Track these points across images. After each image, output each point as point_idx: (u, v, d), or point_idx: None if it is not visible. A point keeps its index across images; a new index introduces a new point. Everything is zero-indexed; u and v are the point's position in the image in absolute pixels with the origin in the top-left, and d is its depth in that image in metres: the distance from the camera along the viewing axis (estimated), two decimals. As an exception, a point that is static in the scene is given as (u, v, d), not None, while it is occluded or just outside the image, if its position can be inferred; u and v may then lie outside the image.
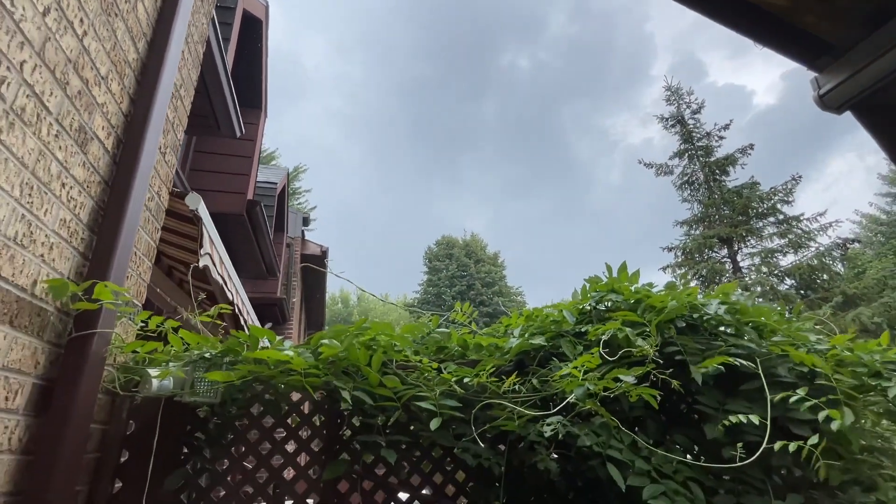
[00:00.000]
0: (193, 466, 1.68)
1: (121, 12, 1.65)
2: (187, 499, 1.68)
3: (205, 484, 1.69)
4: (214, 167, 5.67)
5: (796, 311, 2.18)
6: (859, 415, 1.69)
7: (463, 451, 1.74)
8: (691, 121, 17.91)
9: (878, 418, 1.77)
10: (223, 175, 5.61)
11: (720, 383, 1.74)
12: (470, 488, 1.90)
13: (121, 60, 1.67)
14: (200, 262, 2.42)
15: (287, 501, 1.80)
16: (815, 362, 1.62)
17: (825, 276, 14.31)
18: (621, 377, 1.51)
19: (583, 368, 1.62)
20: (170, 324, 1.68)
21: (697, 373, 1.67)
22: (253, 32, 5.90)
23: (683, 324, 1.95)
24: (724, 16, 1.14)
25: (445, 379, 1.75)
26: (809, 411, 1.52)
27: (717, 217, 16.38)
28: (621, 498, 1.56)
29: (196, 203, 2.41)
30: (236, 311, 3.05)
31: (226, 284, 2.73)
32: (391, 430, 1.78)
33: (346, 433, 1.85)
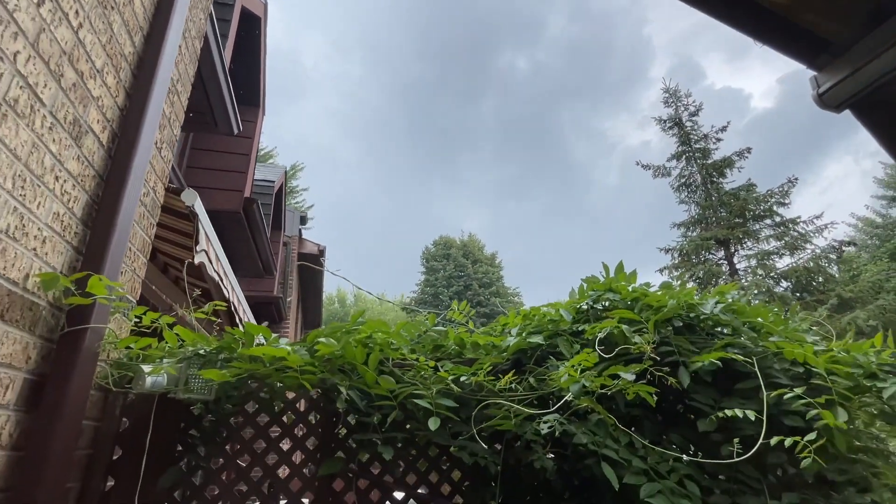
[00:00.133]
0: (187, 464, 1.67)
1: (117, 5, 1.63)
2: (181, 497, 1.66)
3: (198, 482, 1.68)
4: (212, 164, 5.64)
5: (793, 311, 2.18)
6: (853, 415, 1.70)
7: (459, 449, 1.73)
8: (689, 123, 17.97)
9: (872, 420, 1.77)
10: (220, 172, 5.58)
11: (716, 382, 1.74)
12: (466, 487, 1.89)
13: (117, 54, 1.65)
14: (196, 259, 2.40)
15: (282, 500, 1.78)
16: (810, 359, 1.62)
17: (821, 279, 14.38)
18: (619, 373, 1.50)
19: (580, 367, 1.61)
20: (165, 320, 1.67)
21: (685, 375, 1.66)
22: (251, 30, 5.88)
23: (680, 323, 1.95)
24: (723, 13, 1.14)
25: (442, 377, 1.74)
26: (803, 408, 1.52)
27: (714, 219, 16.43)
28: (617, 497, 1.55)
29: (192, 199, 2.40)
30: (232, 308, 3.04)
31: (221, 281, 2.71)
32: (387, 428, 1.77)
33: (342, 431, 1.84)
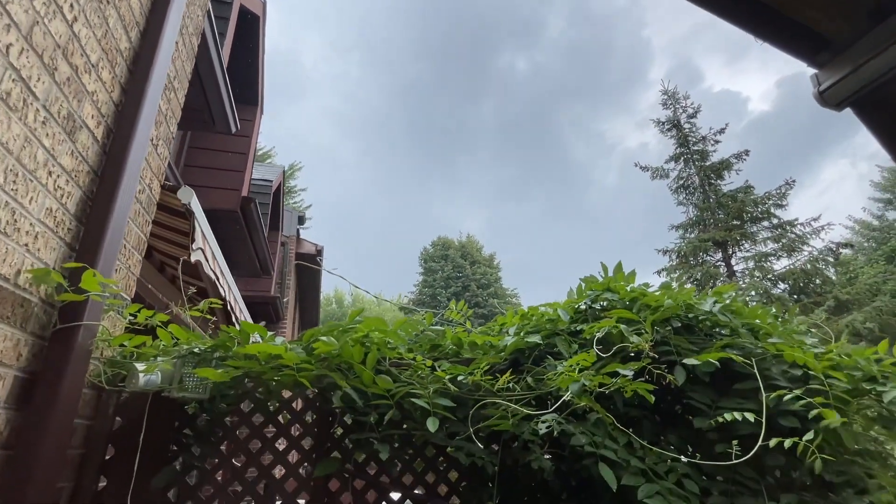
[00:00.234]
0: (181, 464, 1.65)
1: (113, 0, 1.62)
2: (175, 497, 1.65)
3: (192, 482, 1.66)
4: (209, 163, 5.62)
5: (791, 313, 2.18)
6: (850, 418, 1.69)
7: (456, 449, 1.72)
8: (687, 125, 18.01)
9: (870, 423, 1.76)
10: (218, 171, 5.56)
11: (714, 382, 1.73)
12: (463, 488, 1.88)
13: (112, 49, 1.64)
14: (192, 257, 2.38)
15: (277, 501, 1.77)
16: (809, 362, 1.61)
17: (818, 281, 14.42)
18: (618, 370, 1.49)
19: (578, 366, 1.60)
20: (159, 318, 1.65)
21: (681, 373, 1.66)
22: (250, 28, 5.86)
23: (679, 324, 1.94)
24: (724, 10, 1.13)
25: (439, 377, 1.73)
26: (801, 409, 1.52)
27: (712, 221, 16.46)
28: (615, 498, 1.54)
29: (188, 197, 2.38)
30: (228, 307, 3.02)
31: (218, 280, 2.69)
32: (384, 428, 1.75)
33: (338, 431, 1.82)
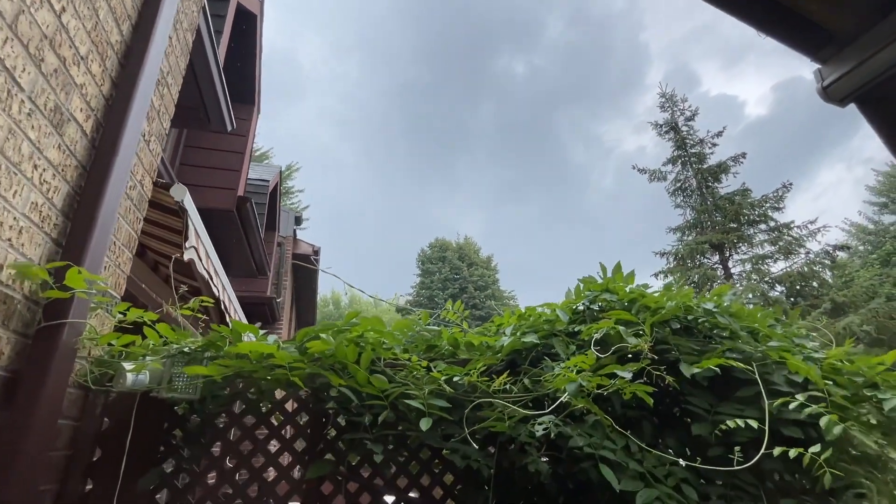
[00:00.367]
0: (170, 466, 1.61)
1: (103, -9, 1.58)
2: (163, 499, 1.61)
3: (182, 484, 1.62)
4: (205, 162, 5.57)
5: (793, 316, 2.15)
6: (851, 424, 1.66)
7: (452, 452, 1.69)
8: (685, 127, 18.05)
9: (869, 430, 1.73)
10: (213, 170, 5.52)
11: (712, 386, 1.71)
12: (458, 491, 1.85)
13: (102, 41, 1.60)
14: (185, 256, 2.34)
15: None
16: (812, 375, 1.59)
17: (815, 284, 14.44)
18: (617, 372, 1.46)
19: (575, 368, 1.58)
20: (148, 316, 1.61)
21: (689, 369, 1.63)
22: (247, 27, 5.83)
23: (678, 325, 1.92)
24: (727, 3, 1.11)
25: (435, 378, 1.70)
26: (807, 417, 1.49)
27: (710, 223, 16.48)
28: (613, 502, 1.51)
29: (181, 194, 2.34)
30: (222, 307, 2.98)
31: (211, 279, 2.65)
32: (378, 429, 1.72)
33: (331, 433, 1.79)
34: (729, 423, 1.45)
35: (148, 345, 1.63)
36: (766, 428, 1.45)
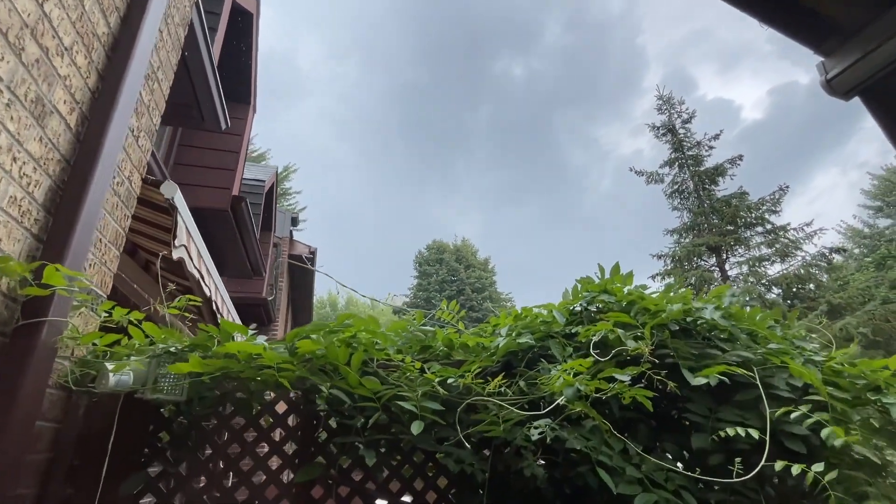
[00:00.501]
0: (155, 469, 1.57)
1: (89, -19, 1.54)
2: (148, 504, 1.56)
3: (167, 488, 1.57)
4: (199, 161, 5.52)
5: (791, 318, 2.13)
6: (853, 429, 1.64)
7: (445, 456, 1.65)
8: (682, 130, 18.08)
9: (873, 433, 1.71)
10: (208, 170, 5.46)
11: (712, 390, 1.67)
12: (452, 495, 1.81)
13: (88, 33, 1.56)
14: (174, 255, 2.30)
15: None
16: (814, 381, 1.56)
17: (811, 286, 14.47)
18: (616, 376, 1.43)
19: (572, 371, 1.54)
20: (135, 315, 1.57)
21: (697, 380, 1.61)
22: (243, 25, 5.78)
23: (676, 327, 1.88)
24: (728, -7, 1.08)
25: (428, 379, 1.66)
26: (808, 431, 1.46)
27: (707, 226, 16.51)
28: (611, 507, 1.47)
29: (172, 192, 2.30)
30: (214, 307, 2.93)
31: (202, 279, 2.61)
32: (370, 432, 1.68)
33: (322, 435, 1.75)
34: (729, 431, 1.42)
35: (133, 345, 1.58)
36: (766, 439, 1.41)
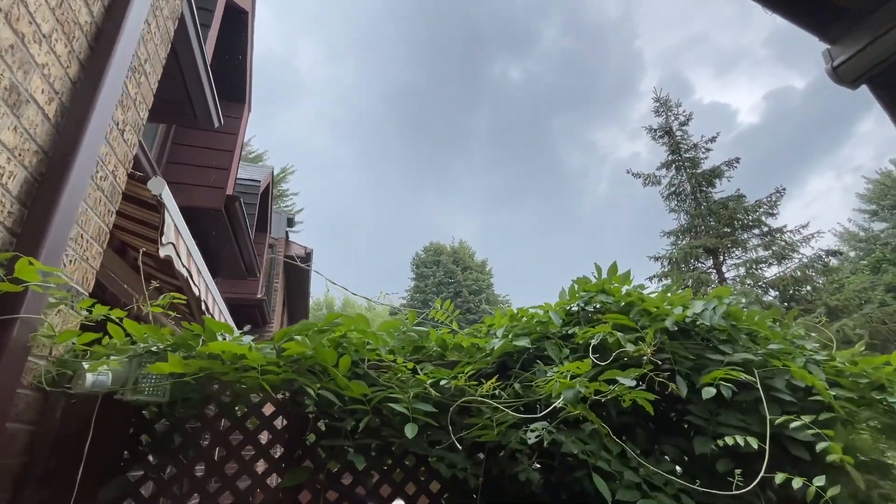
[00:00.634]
0: (136, 474, 1.51)
1: (70, -33, 1.49)
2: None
3: (148, 494, 1.51)
4: (193, 160, 5.46)
5: (790, 318, 2.10)
6: (855, 432, 1.61)
7: (437, 460, 1.60)
8: (679, 132, 18.10)
9: (876, 435, 1.68)
10: (202, 169, 5.40)
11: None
12: (445, 500, 1.75)
13: (69, 21, 1.51)
14: (161, 252, 2.24)
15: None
16: (817, 384, 1.53)
17: (808, 288, 14.49)
18: (619, 379, 1.38)
19: (569, 374, 1.49)
20: (116, 314, 1.51)
21: (683, 385, 1.58)
22: (238, 24, 5.73)
23: (675, 328, 1.84)
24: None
25: (421, 381, 1.61)
26: (812, 438, 1.43)
27: (704, 228, 16.51)
28: (608, 512, 1.42)
29: (159, 188, 2.24)
30: (203, 307, 2.86)
31: (191, 278, 2.55)
32: (360, 435, 1.62)
33: (311, 438, 1.69)
34: (728, 441, 1.39)
35: (114, 344, 1.52)
36: (766, 448, 1.37)
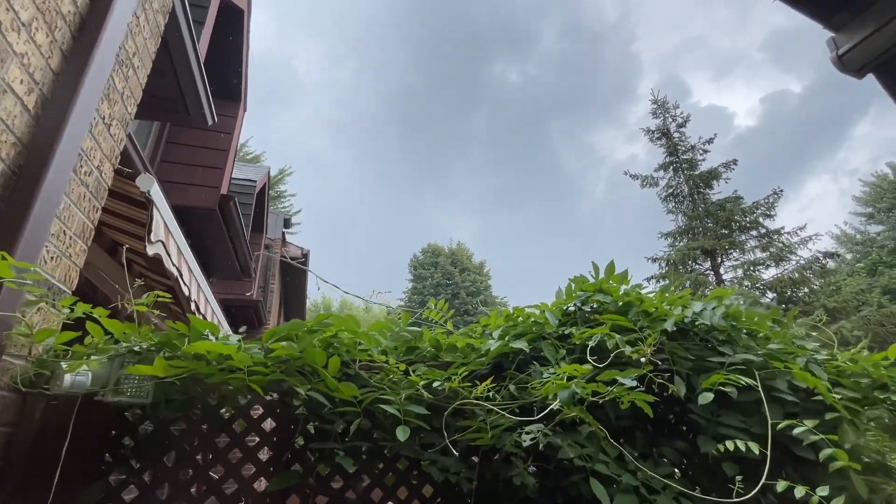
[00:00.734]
0: (117, 478, 1.46)
1: (51, -46, 1.45)
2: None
3: (129, 499, 1.46)
4: (188, 160, 5.40)
5: (790, 318, 2.07)
6: (861, 434, 1.59)
7: (430, 464, 1.55)
8: (676, 134, 18.11)
9: (881, 436, 1.65)
10: (196, 168, 5.35)
11: (713, 392, 1.59)
12: (438, 505, 1.70)
13: (50, 9, 1.46)
14: (150, 251, 2.19)
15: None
16: (819, 386, 1.50)
17: (806, 290, 14.49)
18: (618, 379, 1.33)
19: (566, 375, 1.45)
20: (99, 312, 1.46)
21: (682, 385, 1.55)
22: (233, 22, 5.69)
23: (674, 328, 1.80)
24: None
25: (413, 382, 1.56)
26: (813, 436, 1.40)
27: (701, 229, 16.51)
28: (606, 518, 1.38)
29: (148, 184, 2.19)
30: (193, 307, 2.81)
31: (181, 277, 2.49)
32: (351, 438, 1.58)
33: (300, 441, 1.64)
34: (728, 446, 1.35)
35: (96, 343, 1.47)
36: (768, 453, 1.34)
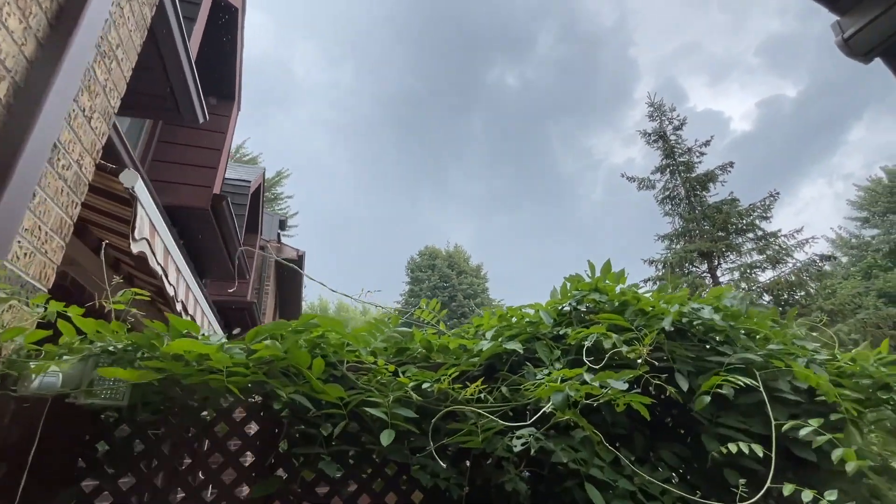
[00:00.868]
0: (90, 484, 1.39)
1: (25, -63, 1.39)
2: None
3: (104, 506, 1.40)
4: (180, 159, 5.34)
5: (790, 318, 2.03)
6: (863, 436, 1.55)
7: (419, 468, 1.49)
8: (673, 137, 18.14)
9: (885, 437, 1.61)
10: (189, 167, 5.28)
11: (713, 393, 1.55)
12: (428, 511, 1.64)
13: (24, -5, 1.41)
14: (134, 248, 2.12)
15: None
16: (822, 385, 1.45)
17: (802, 293, 14.49)
18: (611, 382, 1.28)
19: (560, 377, 1.40)
20: (74, 311, 1.40)
21: (683, 381, 1.50)
22: (227, 20, 5.63)
23: (672, 328, 1.75)
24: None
25: (402, 384, 1.50)
26: (816, 437, 1.35)
27: (698, 232, 16.51)
28: (602, 525, 1.32)
29: (132, 180, 2.13)
30: (180, 308, 2.74)
31: (166, 277, 2.43)
32: (337, 441, 1.52)
33: (284, 445, 1.58)
34: (731, 448, 1.31)
35: (70, 343, 1.41)
36: (772, 455, 1.29)
